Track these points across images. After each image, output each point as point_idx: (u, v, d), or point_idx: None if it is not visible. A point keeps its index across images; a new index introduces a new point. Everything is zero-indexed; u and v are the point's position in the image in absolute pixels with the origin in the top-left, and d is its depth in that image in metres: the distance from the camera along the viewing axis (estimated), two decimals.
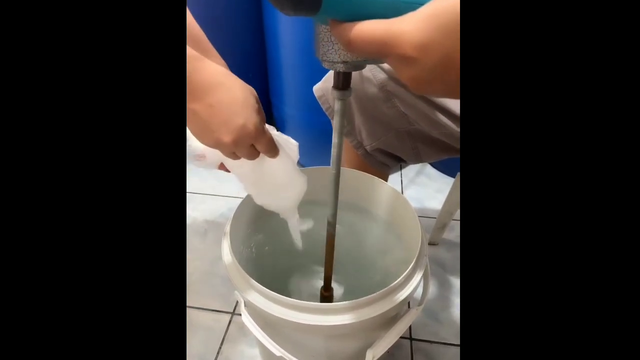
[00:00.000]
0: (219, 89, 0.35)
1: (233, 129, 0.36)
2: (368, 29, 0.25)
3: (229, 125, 0.36)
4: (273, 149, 0.42)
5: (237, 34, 1.09)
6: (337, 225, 0.47)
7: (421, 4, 0.24)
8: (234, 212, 0.54)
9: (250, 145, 0.39)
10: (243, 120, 0.36)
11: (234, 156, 0.40)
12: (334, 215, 0.46)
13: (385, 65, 0.58)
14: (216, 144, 0.38)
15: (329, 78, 0.65)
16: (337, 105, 0.38)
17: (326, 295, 0.54)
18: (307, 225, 0.53)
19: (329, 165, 0.44)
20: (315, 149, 1.10)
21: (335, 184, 0.43)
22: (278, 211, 0.51)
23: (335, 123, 0.39)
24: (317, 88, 0.66)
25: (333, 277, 0.52)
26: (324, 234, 0.48)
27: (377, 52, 0.26)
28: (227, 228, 0.52)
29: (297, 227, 0.53)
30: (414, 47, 0.23)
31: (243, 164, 0.43)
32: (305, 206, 0.66)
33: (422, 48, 0.23)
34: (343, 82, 0.36)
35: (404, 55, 0.24)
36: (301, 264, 0.60)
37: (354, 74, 0.60)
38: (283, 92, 1.09)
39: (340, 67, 0.34)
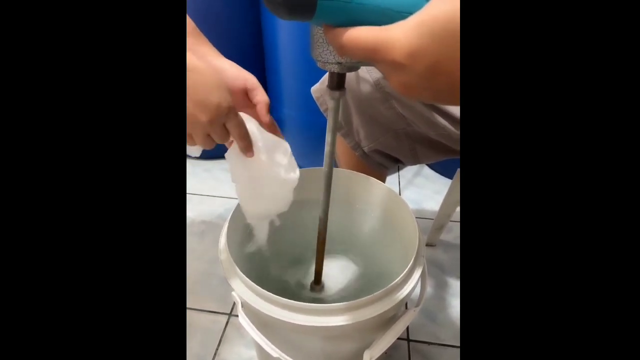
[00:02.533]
0: (191, 73, 0.36)
1: (209, 108, 0.37)
2: (359, 35, 0.26)
3: (204, 105, 0.37)
4: (244, 135, 0.42)
5: (234, 35, 1.09)
6: (334, 224, 0.48)
7: (411, 13, 0.24)
8: (232, 212, 0.54)
9: (223, 126, 0.40)
10: (217, 99, 0.38)
11: (208, 140, 0.41)
12: (326, 212, 0.47)
13: None
14: (192, 125, 0.38)
15: (326, 79, 0.65)
16: (330, 105, 0.39)
17: (317, 289, 0.56)
18: (258, 243, 0.53)
19: None
20: (312, 150, 1.10)
21: (327, 182, 0.44)
22: (254, 217, 0.51)
23: (329, 121, 0.40)
24: (315, 89, 0.66)
25: (335, 270, 0.52)
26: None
27: (368, 57, 0.26)
28: (225, 229, 0.52)
29: (263, 236, 0.53)
30: (403, 54, 0.24)
31: (237, 157, 0.44)
32: (303, 206, 0.66)
33: (411, 55, 0.24)
34: (337, 83, 0.37)
35: (394, 62, 0.25)
36: (299, 264, 0.60)
37: (352, 76, 0.61)
38: (281, 93, 1.09)
39: (335, 68, 0.35)
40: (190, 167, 1.25)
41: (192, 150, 0.44)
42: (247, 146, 0.43)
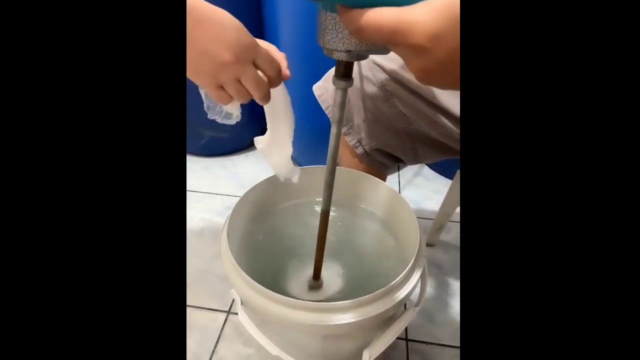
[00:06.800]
0: (199, 17, 0.34)
1: (229, 43, 0.34)
2: (379, 16, 0.25)
3: (223, 40, 0.34)
4: (275, 65, 0.39)
5: None
6: (335, 222, 0.47)
7: None
8: (232, 209, 0.53)
9: (253, 64, 0.37)
10: (236, 33, 0.35)
11: (239, 87, 0.37)
12: (328, 207, 0.46)
13: (386, 65, 0.58)
14: (219, 68, 0.35)
15: (328, 77, 0.65)
16: (337, 95, 0.38)
17: (315, 286, 0.55)
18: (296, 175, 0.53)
19: None
20: (315, 149, 1.10)
21: (330, 176, 0.44)
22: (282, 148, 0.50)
23: (334, 114, 0.39)
24: (317, 87, 0.66)
25: (335, 269, 0.52)
26: None
27: (387, 40, 0.25)
28: (225, 226, 0.52)
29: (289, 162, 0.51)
30: (427, 37, 0.23)
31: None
32: (304, 205, 0.66)
33: (435, 38, 0.23)
34: (344, 72, 0.36)
35: (416, 45, 0.24)
36: (299, 261, 0.60)
37: (355, 74, 0.60)
38: None
39: (343, 56, 0.34)
40: (189, 164, 1.25)
41: (231, 108, 0.42)
42: (277, 73, 0.39)
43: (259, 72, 0.38)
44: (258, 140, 0.50)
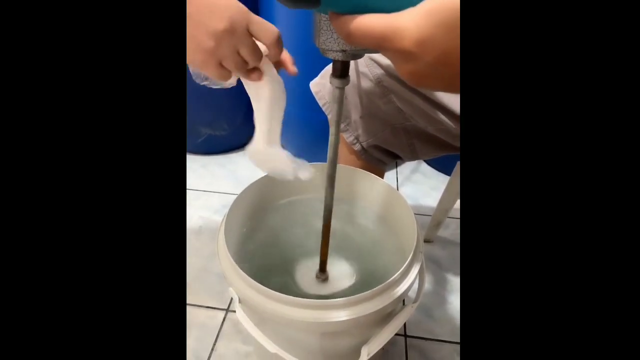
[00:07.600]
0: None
1: (220, 11, 0.34)
2: (368, 22, 0.25)
3: (214, 11, 0.34)
4: (272, 30, 0.39)
5: None
6: (333, 220, 0.48)
7: (420, 0, 0.24)
8: (229, 208, 0.53)
9: (237, 53, 0.36)
10: (225, 0, 0.35)
11: (221, 70, 0.37)
12: (330, 201, 0.47)
13: (382, 61, 0.58)
14: (217, 41, 0.34)
15: (325, 74, 0.65)
16: (334, 94, 0.38)
17: (322, 278, 0.56)
18: (307, 173, 0.48)
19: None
20: (313, 147, 1.10)
21: (331, 171, 0.44)
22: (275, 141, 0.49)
23: (332, 111, 0.40)
24: (314, 84, 0.66)
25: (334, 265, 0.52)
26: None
27: (376, 45, 0.26)
28: (222, 224, 0.52)
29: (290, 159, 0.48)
30: (414, 43, 0.23)
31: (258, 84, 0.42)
32: (304, 202, 0.66)
33: (422, 43, 0.23)
34: (341, 71, 0.37)
35: (404, 50, 0.24)
36: (297, 258, 0.60)
37: (352, 71, 0.60)
38: None
39: (338, 56, 0.34)
40: (187, 162, 1.25)
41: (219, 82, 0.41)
42: (278, 49, 0.40)
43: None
44: (252, 150, 0.47)
